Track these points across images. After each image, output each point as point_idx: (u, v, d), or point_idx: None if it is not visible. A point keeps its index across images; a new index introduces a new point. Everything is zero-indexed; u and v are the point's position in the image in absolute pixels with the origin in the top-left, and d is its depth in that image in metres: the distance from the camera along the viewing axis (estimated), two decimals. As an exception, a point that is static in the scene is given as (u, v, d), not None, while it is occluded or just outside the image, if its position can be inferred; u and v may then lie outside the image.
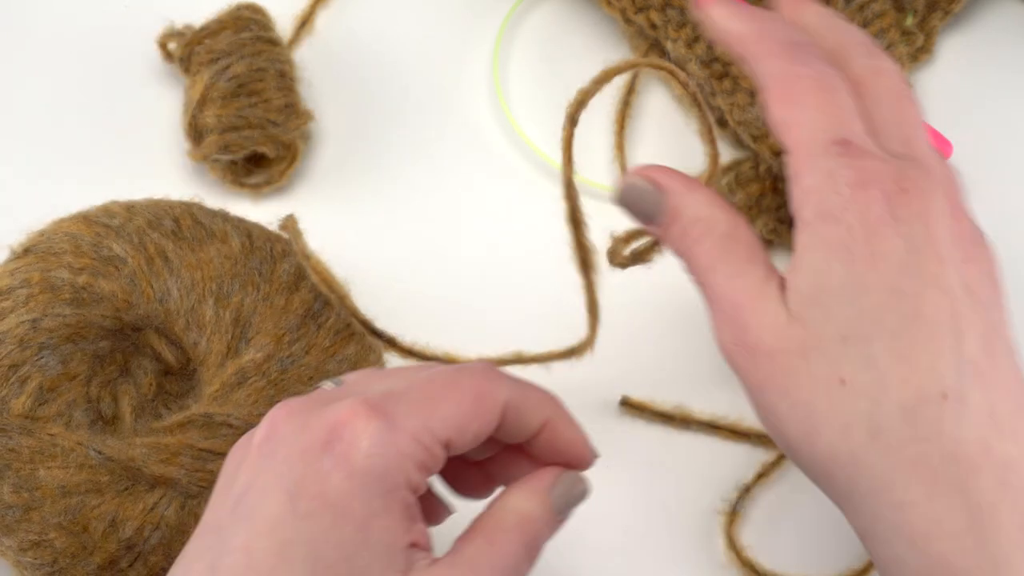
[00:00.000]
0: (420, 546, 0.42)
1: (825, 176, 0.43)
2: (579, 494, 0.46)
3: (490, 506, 0.45)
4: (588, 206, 0.65)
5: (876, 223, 0.43)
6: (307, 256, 0.54)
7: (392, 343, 0.57)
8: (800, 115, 0.44)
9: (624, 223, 0.65)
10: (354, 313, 0.55)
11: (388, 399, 0.42)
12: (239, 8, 0.64)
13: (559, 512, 0.45)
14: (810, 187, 0.43)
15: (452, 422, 0.42)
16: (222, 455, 0.50)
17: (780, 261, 0.64)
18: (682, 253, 0.47)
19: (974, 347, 0.42)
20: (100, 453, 0.51)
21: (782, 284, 0.45)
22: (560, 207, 0.65)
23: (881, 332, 0.42)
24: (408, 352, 0.57)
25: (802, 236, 0.44)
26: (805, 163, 0.44)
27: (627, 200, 0.48)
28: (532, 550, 0.44)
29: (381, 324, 0.57)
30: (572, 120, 0.50)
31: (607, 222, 0.65)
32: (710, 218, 0.46)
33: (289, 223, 0.56)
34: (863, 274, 0.42)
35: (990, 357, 0.43)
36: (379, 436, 0.41)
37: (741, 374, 0.45)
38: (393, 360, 0.59)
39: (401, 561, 0.42)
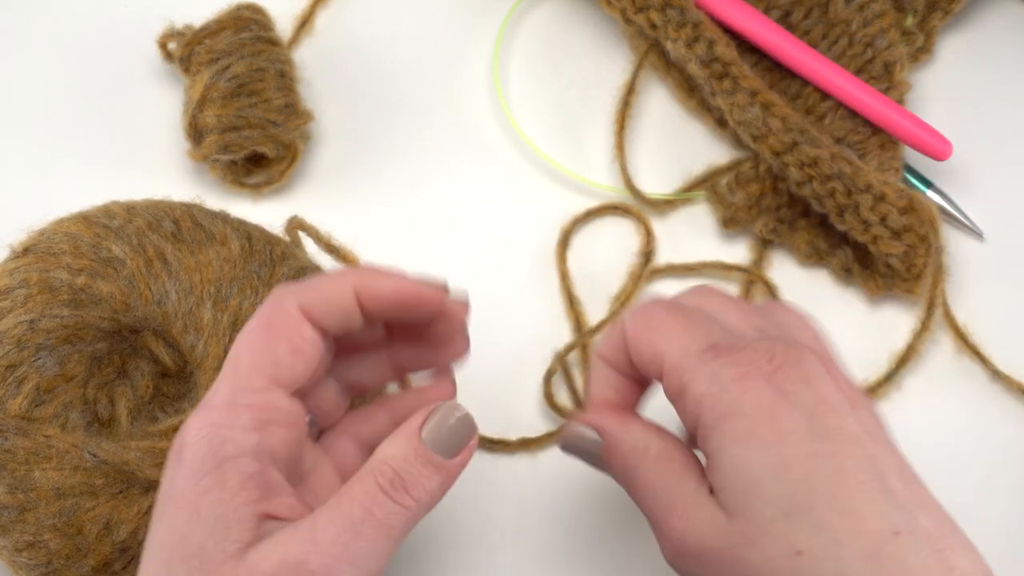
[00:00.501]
0: (280, 517, 0.43)
1: (709, 380, 0.46)
2: (456, 424, 0.46)
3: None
4: (588, 206, 0.65)
5: (769, 404, 0.45)
6: (334, 248, 0.54)
7: None
8: (666, 342, 0.47)
9: (622, 230, 0.65)
10: None
11: (210, 392, 0.45)
12: (239, 8, 0.64)
13: (439, 448, 0.45)
14: (701, 394, 0.46)
15: (256, 365, 0.45)
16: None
17: (780, 260, 0.64)
18: (624, 482, 0.49)
19: (896, 482, 0.45)
20: (95, 456, 0.51)
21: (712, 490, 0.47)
22: (560, 207, 0.65)
23: (817, 497, 0.44)
24: None
25: (711, 440, 0.46)
26: (687, 376, 0.47)
27: (571, 448, 0.51)
28: (394, 491, 0.44)
29: (381, 324, 0.57)
30: None
31: (607, 223, 0.65)
32: (644, 446, 0.48)
33: (296, 223, 0.56)
34: (779, 453, 0.45)
35: (910, 486, 0.45)
36: (195, 422, 0.44)
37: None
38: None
39: (241, 532, 0.43)
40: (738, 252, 0.64)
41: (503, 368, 0.61)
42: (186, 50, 0.63)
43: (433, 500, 0.45)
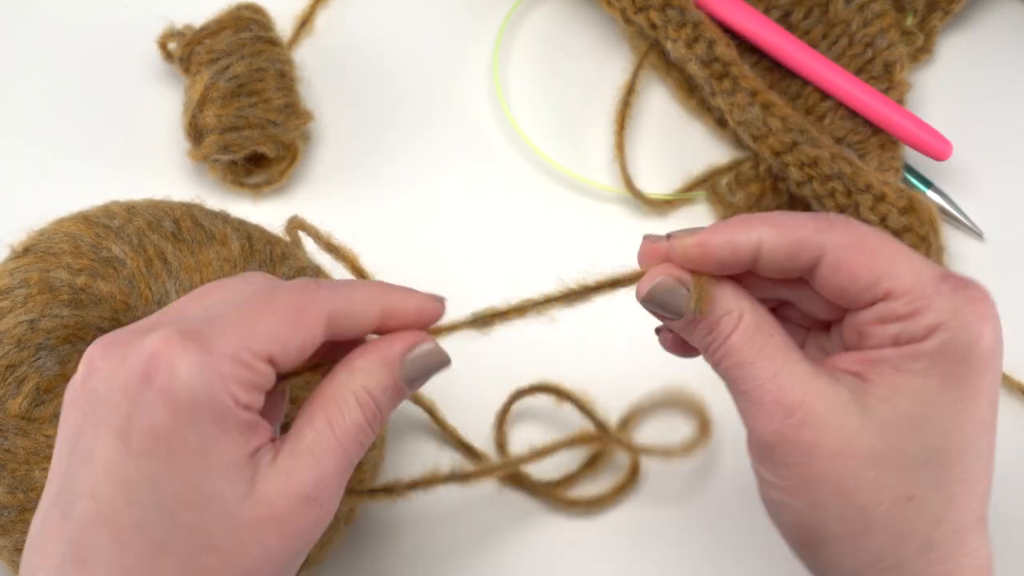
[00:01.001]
0: (263, 446, 0.43)
1: (952, 314, 0.45)
2: (436, 363, 0.46)
3: (334, 374, 0.45)
4: (588, 206, 0.65)
5: (984, 362, 0.45)
6: (334, 247, 0.54)
7: None
8: (895, 266, 0.45)
9: (623, 222, 0.65)
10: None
11: (204, 325, 0.43)
12: (239, 8, 0.64)
13: (411, 381, 0.46)
14: (940, 322, 0.45)
15: (273, 339, 0.43)
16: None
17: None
18: (709, 346, 0.47)
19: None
20: None
21: (840, 384, 0.45)
22: (560, 207, 0.65)
23: (959, 462, 0.45)
24: None
25: (918, 363, 0.45)
26: (923, 304, 0.45)
27: (656, 299, 0.47)
28: (375, 423, 0.45)
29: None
30: None
31: (607, 222, 0.65)
32: (739, 311, 0.47)
33: (296, 223, 0.56)
34: (966, 410, 0.45)
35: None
36: (196, 363, 0.42)
37: (779, 466, 0.46)
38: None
39: (247, 473, 0.43)
40: (738, 252, 0.64)
41: (504, 368, 0.61)
42: (186, 50, 0.63)
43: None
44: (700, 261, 0.46)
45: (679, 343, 0.49)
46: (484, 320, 0.48)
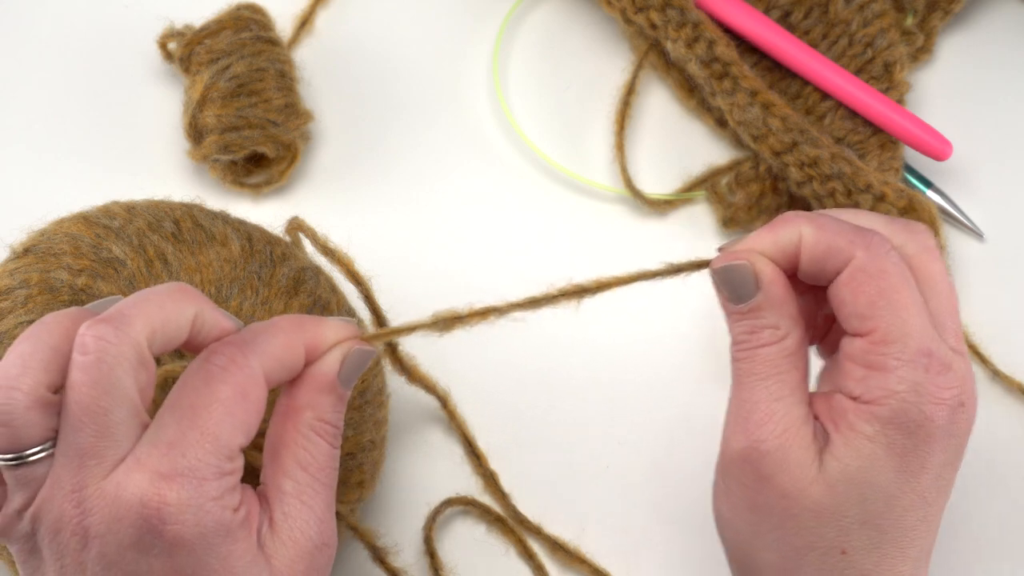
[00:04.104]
0: (260, 522, 0.45)
1: (911, 387, 0.46)
2: (365, 361, 0.48)
3: (284, 417, 0.47)
4: (588, 206, 0.65)
5: (927, 438, 0.46)
6: (330, 250, 0.54)
7: (393, 351, 0.57)
8: (895, 311, 0.46)
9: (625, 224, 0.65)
10: (376, 309, 0.55)
11: (172, 450, 0.44)
12: (239, 8, 0.64)
13: (348, 384, 0.48)
14: (896, 392, 0.46)
15: (237, 431, 0.44)
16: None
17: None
18: (742, 343, 0.48)
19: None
20: None
21: (816, 435, 0.47)
22: (560, 207, 0.65)
23: (895, 527, 0.47)
24: (400, 363, 0.57)
25: (870, 425, 0.46)
26: (896, 364, 0.46)
27: (726, 277, 0.48)
28: (337, 441, 0.48)
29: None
30: None
31: (607, 222, 0.65)
32: (785, 332, 0.48)
33: (295, 224, 0.56)
34: (906, 482, 0.46)
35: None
36: (184, 493, 0.43)
37: (735, 481, 0.48)
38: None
39: (261, 559, 0.45)
40: (738, 252, 0.64)
41: (503, 370, 0.61)
42: (186, 50, 0.63)
43: None
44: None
45: None
46: (445, 323, 0.49)
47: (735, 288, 0.48)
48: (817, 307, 0.50)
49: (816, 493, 0.46)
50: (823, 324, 0.50)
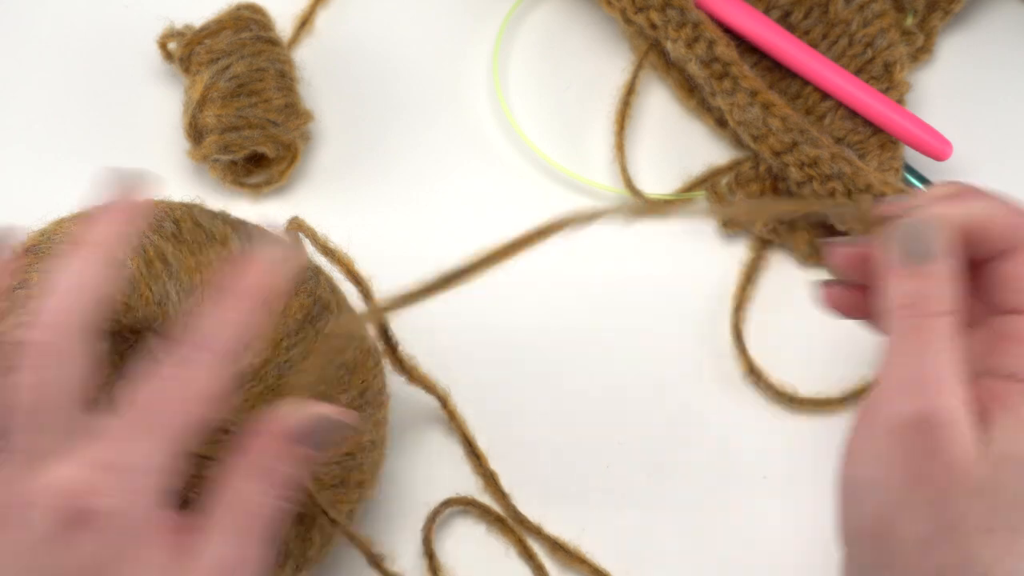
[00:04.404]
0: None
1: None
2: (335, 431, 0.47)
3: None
4: (588, 205, 0.65)
5: None
6: (330, 250, 0.54)
7: (393, 351, 0.57)
8: None
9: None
10: (375, 308, 0.55)
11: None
12: (239, 8, 0.64)
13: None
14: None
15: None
16: (218, 460, 0.50)
17: (780, 260, 0.64)
18: (911, 307, 0.47)
19: None
20: None
21: (979, 415, 0.46)
22: (560, 207, 0.65)
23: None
24: (400, 363, 0.57)
25: (1007, 409, 0.46)
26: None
27: (911, 232, 0.47)
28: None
29: (381, 325, 0.57)
30: None
31: (607, 223, 0.65)
32: (957, 306, 0.47)
33: (295, 224, 0.56)
34: None
35: None
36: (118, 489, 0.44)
37: (894, 447, 0.46)
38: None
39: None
40: (738, 252, 0.64)
41: (503, 370, 0.61)
42: (186, 50, 0.63)
43: None
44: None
45: (844, 302, 0.50)
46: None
47: (917, 245, 0.47)
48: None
49: (982, 470, 0.45)
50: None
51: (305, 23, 0.67)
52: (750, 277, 0.63)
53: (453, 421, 0.60)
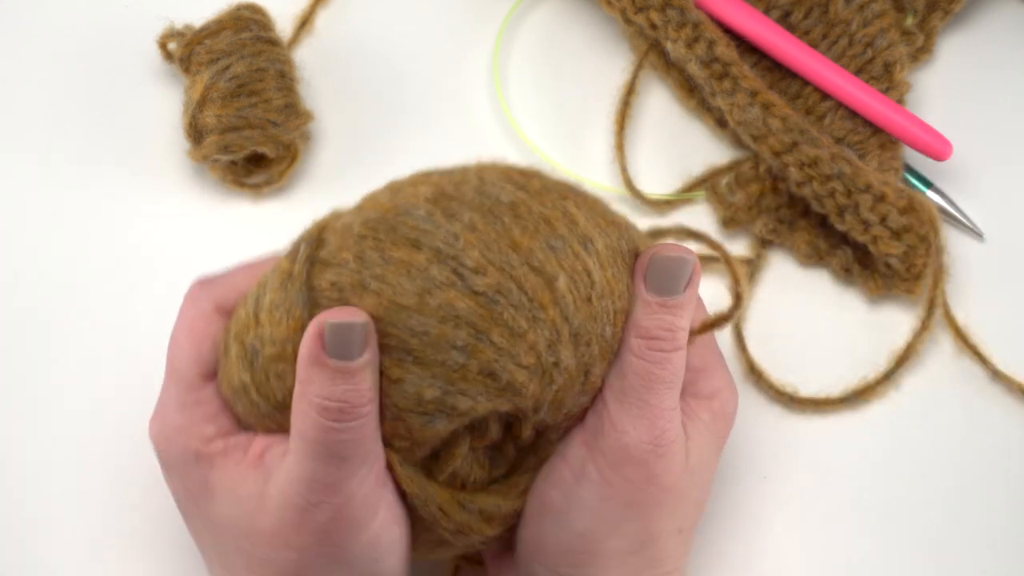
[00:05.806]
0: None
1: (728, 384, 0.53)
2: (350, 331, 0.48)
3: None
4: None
5: (728, 423, 0.54)
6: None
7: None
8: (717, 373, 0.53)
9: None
10: None
11: (164, 390, 0.52)
12: (239, 8, 0.64)
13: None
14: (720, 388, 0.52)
15: (200, 364, 0.51)
16: None
17: (780, 260, 0.64)
18: (658, 340, 0.49)
19: None
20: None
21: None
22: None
23: (706, 501, 0.53)
24: None
25: (696, 424, 0.51)
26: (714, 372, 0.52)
27: (666, 265, 0.50)
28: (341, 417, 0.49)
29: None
30: None
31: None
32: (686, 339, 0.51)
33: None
34: (715, 458, 0.53)
35: None
36: (155, 427, 0.51)
37: (621, 475, 0.49)
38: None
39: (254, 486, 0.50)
40: (738, 252, 0.64)
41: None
42: (186, 50, 0.63)
43: None
44: None
45: None
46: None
47: (671, 279, 0.48)
48: None
49: (684, 482, 0.49)
50: None
51: (305, 23, 0.67)
52: (750, 277, 0.63)
53: None
